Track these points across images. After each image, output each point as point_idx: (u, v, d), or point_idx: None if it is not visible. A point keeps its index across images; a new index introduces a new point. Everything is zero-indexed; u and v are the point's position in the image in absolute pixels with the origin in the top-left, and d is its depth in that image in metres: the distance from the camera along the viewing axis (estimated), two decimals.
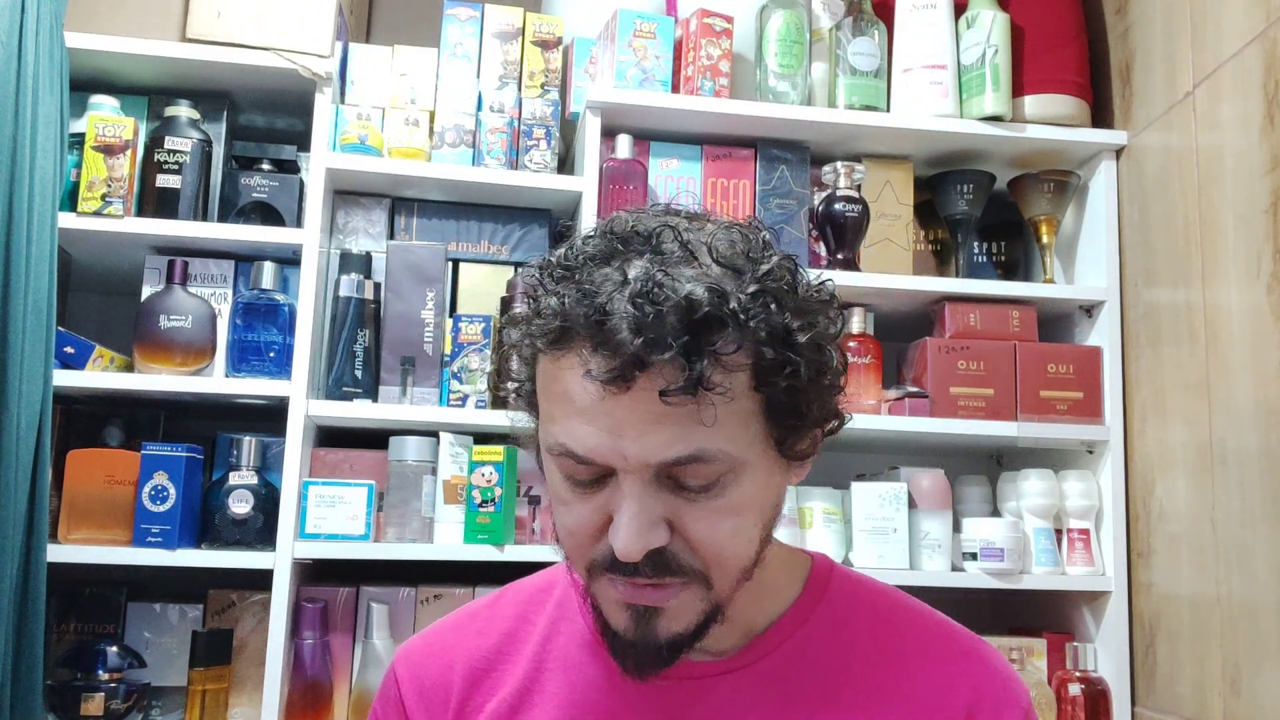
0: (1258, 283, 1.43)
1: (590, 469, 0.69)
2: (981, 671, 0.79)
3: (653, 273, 0.66)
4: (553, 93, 1.84)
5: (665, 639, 0.71)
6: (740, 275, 0.68)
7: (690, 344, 0.64)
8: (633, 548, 0.67)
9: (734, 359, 0.66)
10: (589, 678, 0.80)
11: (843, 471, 1.83)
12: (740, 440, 0.68)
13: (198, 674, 1.56)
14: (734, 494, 0.69)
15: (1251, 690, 1.41)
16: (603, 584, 0.72)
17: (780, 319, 0.68)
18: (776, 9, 1.82)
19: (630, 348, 0.64)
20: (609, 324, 0.65)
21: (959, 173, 1.89)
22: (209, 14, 1.67)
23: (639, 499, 0.67)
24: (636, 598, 0.70)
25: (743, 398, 0.67)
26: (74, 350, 1.61)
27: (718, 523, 0.69)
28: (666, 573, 0.69)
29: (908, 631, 0.81)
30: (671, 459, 0.66)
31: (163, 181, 1.66)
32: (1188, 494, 1.58)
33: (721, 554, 0.70)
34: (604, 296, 0.66)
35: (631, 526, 0.67)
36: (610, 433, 0.66)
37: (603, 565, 0.71)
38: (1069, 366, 1.78)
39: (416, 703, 0.83)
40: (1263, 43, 1.44)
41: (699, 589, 0.71)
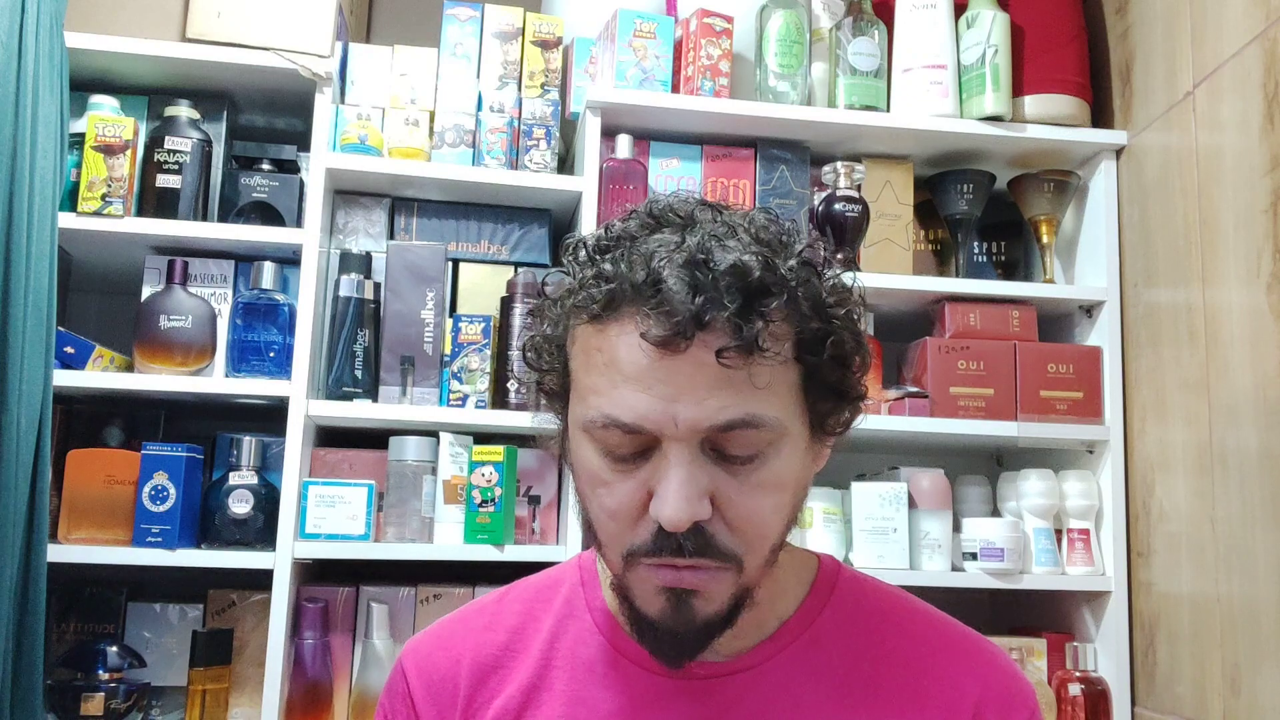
0: (1258, 282, 1.43)
1: (635, 440, 0.69)
2: (989, 672, 0.79)
3: (704, 241, 0.68)
4: (553, 93, 1.84)
5: (701, 621, 0.71)
6: (779, 251, 0.71)
7: (744, 307, 0.66)
8: (681, 515, 0.66)
9: (780, 327, 0.68)
10: (597, 676, 0.79)
11: (843, 471, 1.83)
12: (787, 409, 0.70)
13: (198, 674, 1.56)
14: (776, 466, 0.70)
15: (1251, 690, 1.41)
16: (639, 572, 0.71)
17: (821, 291, 0.71)
18: (776, 9, 1.82)
19: (688, 308, 0.65)
20: (665, 285, 0.66)
21: (959, 173, 1.89)
22: (209, 14, 1.67)
23: (687, 467, 0.67)
24: (677, 581, 0.70)
25: (788, 366, 0.70)
26: (74, 350, 1.61)
27: (761, 499, 0.70)
28: (707, 553, 0.69)
29: (915, 632, 0.81)
30: (724, 422, 0.67)
31: (163, 181, 1.66)
32: (1188, 494, 1.58)
33: (761, 532, 0.71)
34: (659, 260, 0.67)
35: (680, 494, 0.67)
36: (663, 398, 0.67)
37: (642, 550, 0.70)
38: (1069, 366, 1.78)
39: (425, 697, 0.83)
40: (1263, 43, 1.44)
41: (733, 572, 0.71)
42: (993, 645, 0.83)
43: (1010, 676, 0.80)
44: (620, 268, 0.69)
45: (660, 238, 0.70)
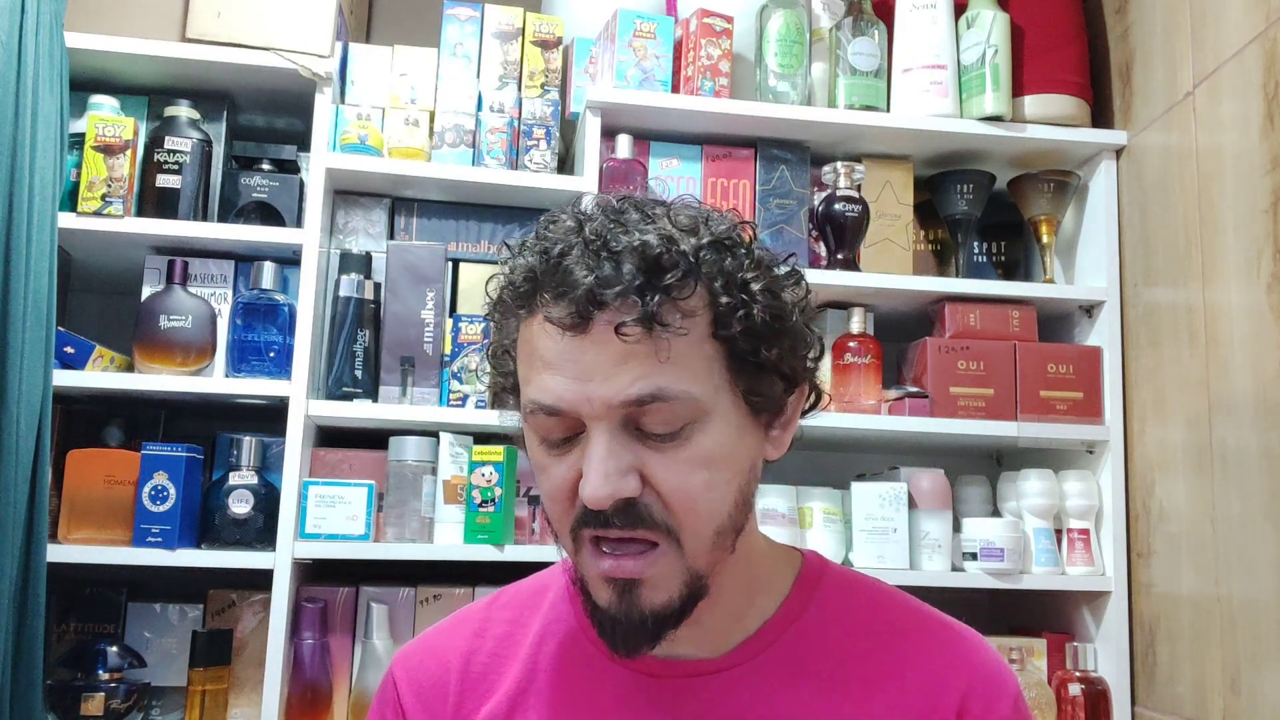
0: (1257, 282, 1.43)
1: (561, 424, 0.71)
2: (972, 661, 0.80)
3: (607, 224, 0.71)
4: (553, 93, 1.84)
5: (649, 610, 0.71)
6: (693, 233, 0.72)
7: (643, 285, 0.68)
8: (600, 492, 0.68)
9: (690, 304, 0.69)
10: (583, 679, 0.80)
11: (843, 471, 1.83)
12: (704, 384, 0.70)
13: (198, 674, 1.56)
14: (702, 443, 0.71)
15: (1251, 690, 1.41)
16: (585, 556, 0.73)
17: (733, 267, 0.72)
18: (776, 9, 1.82)
19: (585, 286, 0.68)
20: (564, 266, 0.69)
21: (959, 173, 1.89)
22: (209, 14, 1.67)
23: (605, 445, 0.69)
24: (616, 570, 0.71)
25: (704, 343, 0.71)
26: (74, 350, 1.61)
27: (688, 474, 0.70)
28: (639, 524, 0.70)
29: (898, 625, 0.82)
30: (633, 397, 0.68)
31: (163, 181, 1.66)
32: (1188, 494, 1.58)
33: (694, 507, 0.71)
34: (563, 246, 0.70)
35: (599, 471, 0.68)
36: (576, 379, 0.69)
37: (580, 523, 0.72)
38: (1069, 366, 1.78)
39: (415, 704, 0.83)
40: (1263, 43, 1.44)
41: (674, 553, 0.71)
42: (975, 635, 0.83)
43: (993, 666, 0.81)
44: (530, 259, 0.72)
45: (566, 225, 0.73)
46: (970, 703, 0.78)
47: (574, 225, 0.72)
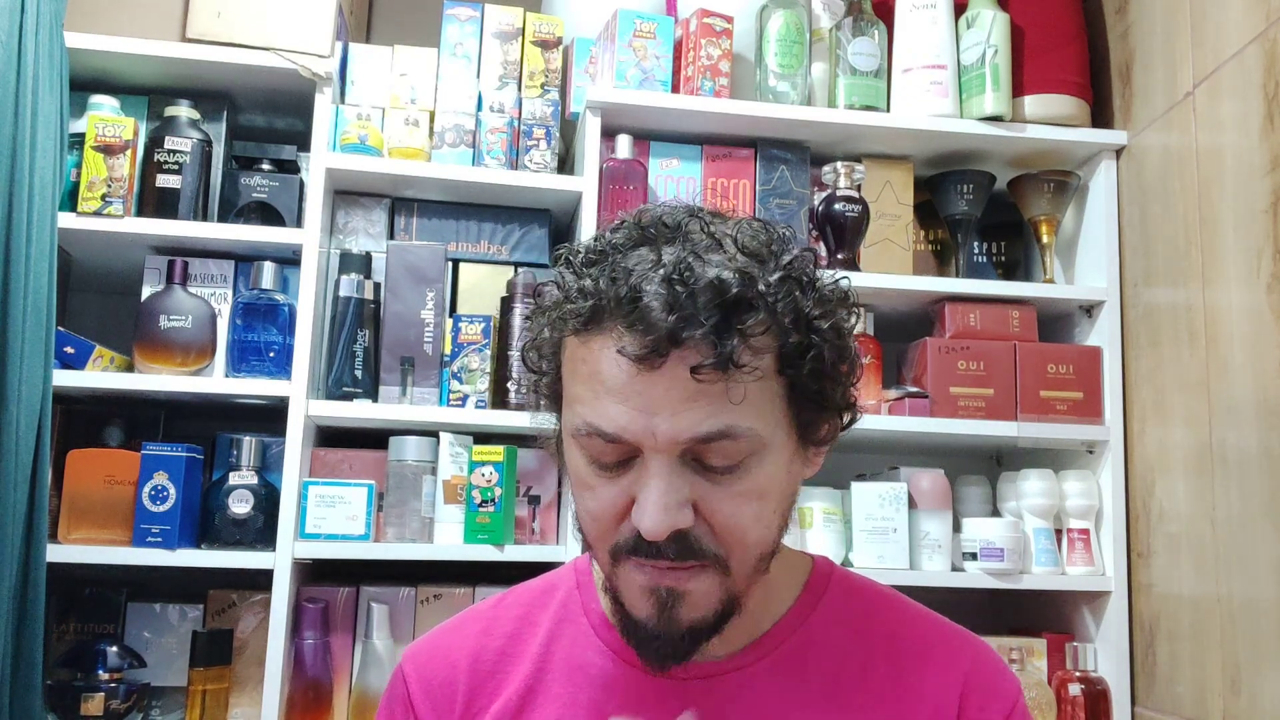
0: (1257, 283, 1.43)
1: (617, 449, 0.70)
2: (972, 666, 0.80)
3: (684, 256, 0.69)
4: (553, 93, 1.84)
5: (687, 626, 0.72)
6: (764, 263, 0.71)
7: (720, 323, 0.67)
8: (660, 526, 0.68)
9: (761, 340, 0.69)
10: (592, 677, 0.80)
11: (843, 471, 1.83)
12: (767, 420, 0.70)
13: (198, 674, 1.56)
14: (757, 476, 0.71)
15: (1251, 690, 1.41)
16: (626, 570, 0.72)
17: (804, 305, 0.71)
18: (776, 9, 1.82)
19: (664, 325, 0.66)
20: (643, 302, 0.67)
21: (959, 173, 1.89)
22: (209, 14, 1.67)
23: (665, 478, 0.69)
24: (660, 580, 0.71)
25: (769, 379, 0.70)
26: (74, 350, 1.61)
27: (742, 506, 0.71)
28: (690, 556, 0.70)
29: (903, 630, 0.82)
30: (701, 435, 0.68)
31: (163, 181, 1.66)
32: (1188, 494, 1.58)
33: (745, 539, 0.71)
34: (637, 277, 0.68)
35: (659, 504, 0.68)
36: (641, 411, 0.68)
37: (626, 549, 0.71)
38: (1069, 366, 1.78)
39: (424, 702, 0.84)
40: (1263, 43, 1.44)
41: (718, 574, 0.71)
42: (979, 641, 0.84)
43: (993, 671, 0.81)
44: (601, 283, 0.70)
45: (641, 253, 0.71)
46: (969, 705, 0.78)
47: (648, 253, 0.70)
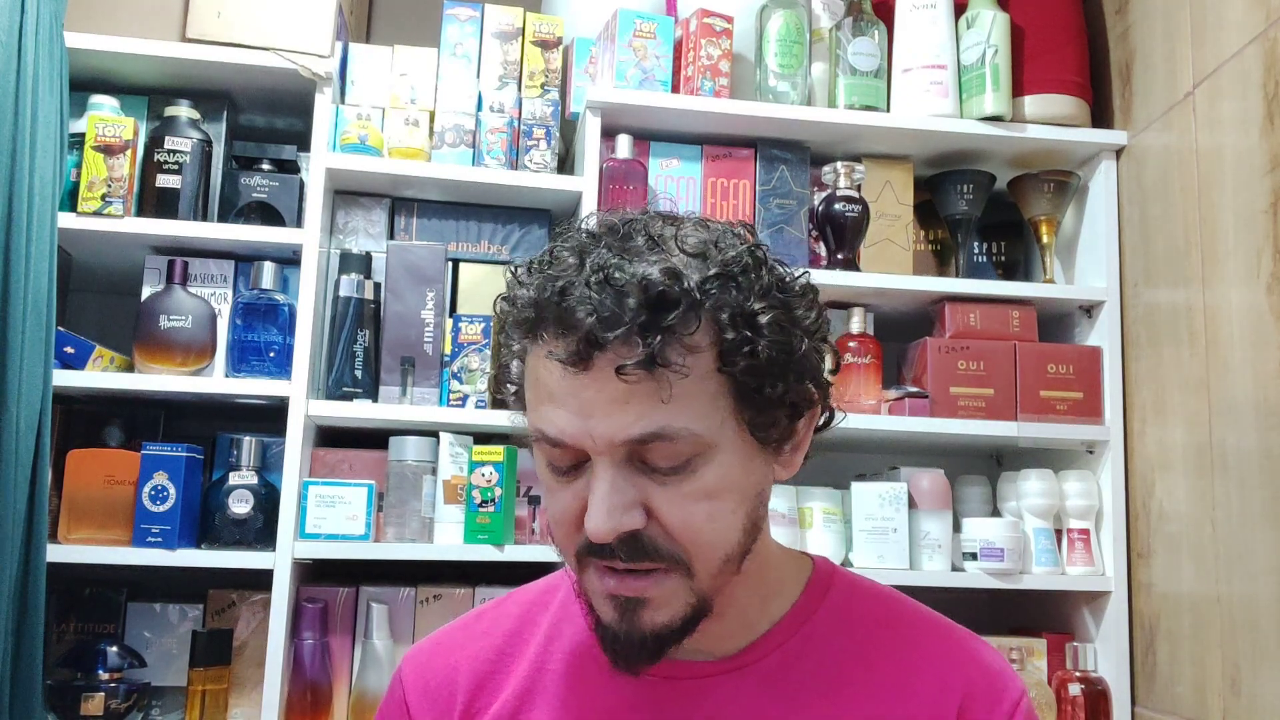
0: (1258, 283, 1.43)
1: (566, 454, 0.71)
2: (974, 668, 0.80)
3: (609, 258, 0.69)
4: (553, 93, 1.84)
5: (650, 630, 0.71)
6: (703, 261, 0.70)
7: (646, 323, 0.66)
8: (603, 527, 0.68)
9: (694, 339, 0.68)
10: (590, 679, 0.80)
11: (843, 471, 1.83)
12: (709, 421, 0.69)
13: (198, 674, 1.56)
14: (707, 476, 0.70)
15: (1251, 690, 1.41)
16: (589, 574, 0.73)
17: (740, 299, 0.70)
18: (776, 9, 1.82)
19: (585, 327, 0.66)
20: (565, 305, 0.68)
21: (959, 173, 1.89)
22: (209, 14, 1.67)
23: (609, 480, 0.69)
24: (620, 588, 0.71)
25: (708, 379, 0.69)
26: (74, 350, 1.61)
27: (691, 507, 0.70)
28: (644, 557, 0.70)
29: (905, 632, 0.82)
30: (636, 436, 0.68)
31: (163, 181, 1.66)
32: (1188, 494, 1.58)
33: (698, 539, 0.71)
34: (564, 281, 0.69)
35: (601, 507, 0.68)
36: (578, 414, 0.68)
37: (584, 552, 0.72)
38: (1069, 366, 1.78)
39: (422, 704, 0.84)
40: (1263, 43, 1.44)
41: (681, 578, 0.71)
42: (982, 642, 0.83)
43: (995, 673, 0.80)
44: (533, 291, 0.71)
45: (570, 261, 0.70)
46: (971, 705, 0.78)
47: (575, 260, 0.70)
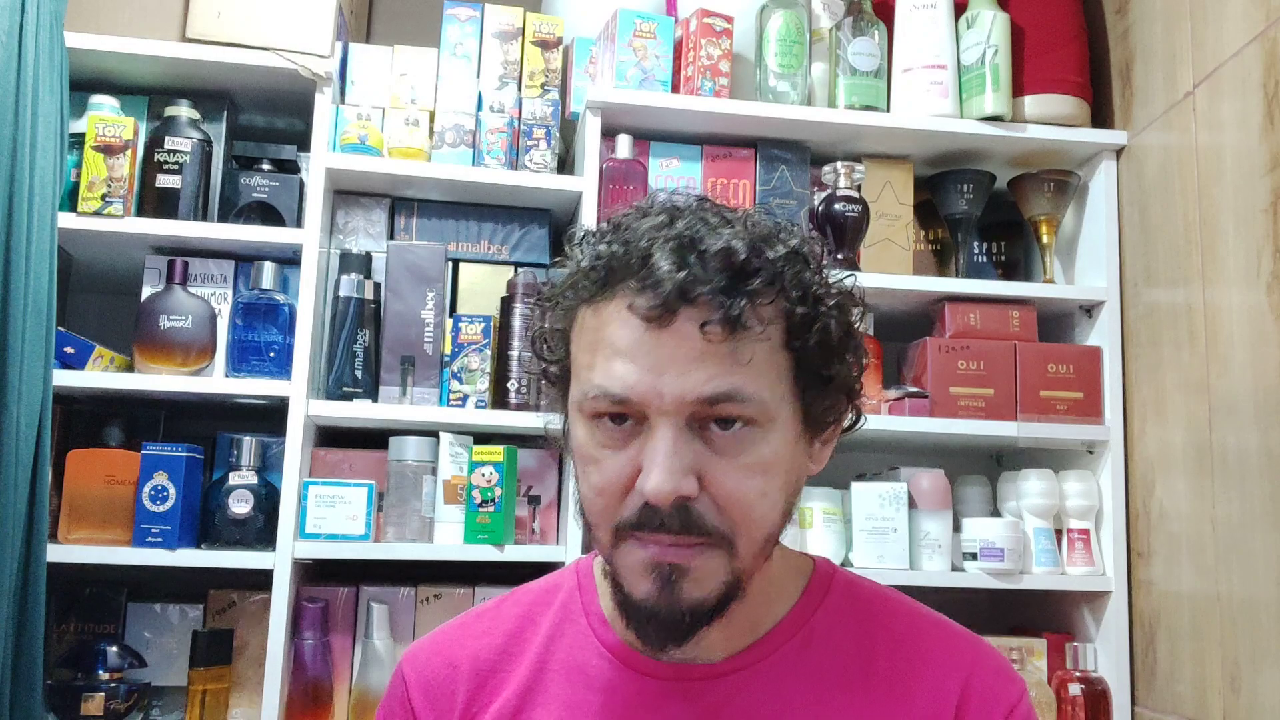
0: (1258, 283, 1.43)
1: (623, 418, 0.71)
2: (974, 667, 0.80)
3: (695, 224, 0.72)
4: (553, 93, 1.84)
5: (687, 605, 0.71)
6: (772, 243, 0.73)
7: (729, 286, 0.69)
8: (664, 488, 0.68)
9: (768, 310, 0.71)
10: (590, 678, 0.80)
11: (843, 471, 1.83)
12: (773, 393, 0.71)
13: (198, 674, 1.56)
14: (762, 450, 0.71)
15: (1251, 690, 1.41)
16: (628, 548, 0.72)
17: (809, 280, 0.73)
18: (776, 9, 1.82)
19: (674, 282, 0.68)
20: (654, 261, 0.69)
21: (959, 173, 1.89)
22: (209, 14, 1.67)
23: (671, 441, 0.69)
24: (664, 555, 0.70)
25: (776, 352, 0.72)
26: (74, 350, 1.61)
27: (745, 480, 0.71)
28: (692, 529, 0.70)
29: (906, 633, 0.82)
30: (708, 395, 0.69)
31: (163, 181, 1.66)
32: (1188, 494, 1.58)
33: (748, 514, 0.71)
34: (648, 240, 0.71)
35: (664, 466, 0.68)
36: (650, 370, 0.69)
37: (630, 524, 0.71)
38: (1069, 366, 1.78)
39: (423, 702, 0.84)
40: (1263, 43, 1.44)
41: (722, 554, 0.71)
42: (983, 643, 0.83)
43: (994, 672, 0.80)
44: (614, 247, 0.72)
45: (652, 220, 0.73)
46: (968, 704, 0.78)
47: (664, 220, 0.73)
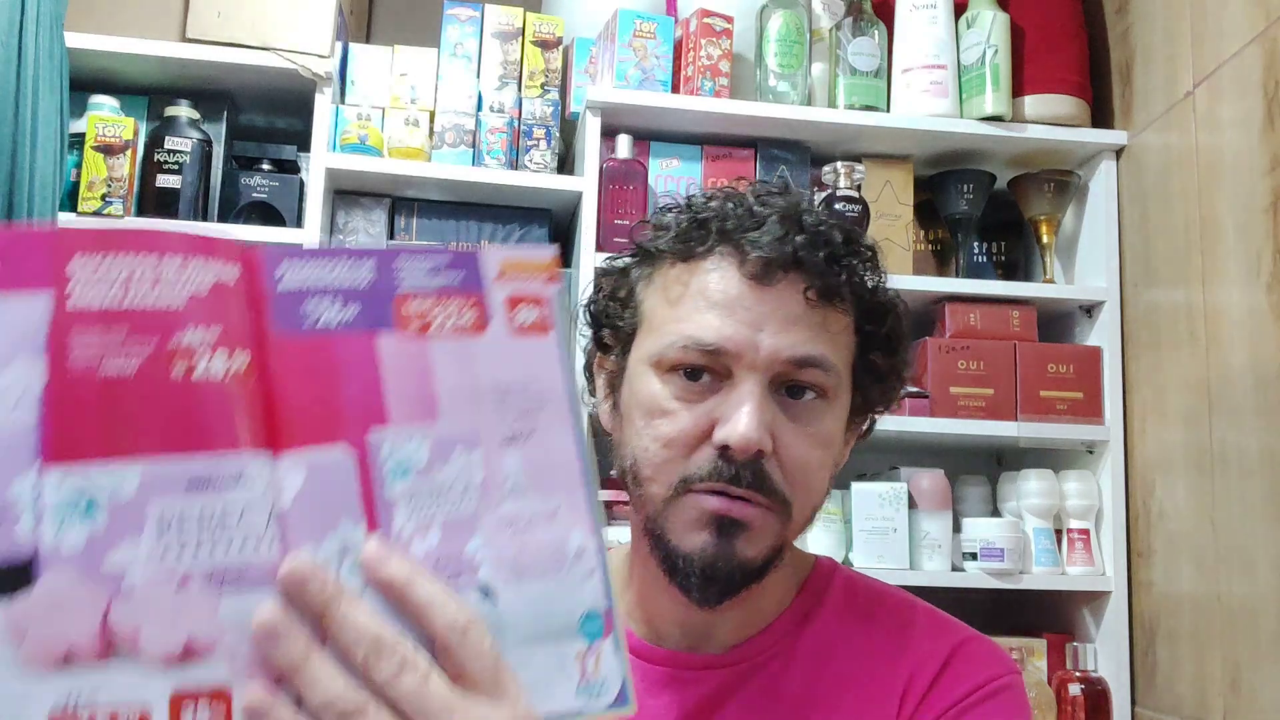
0: (1258, 283, 1.43)
1: (708, 365, 0.72)
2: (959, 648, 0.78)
3: (799, 201, 0.77)
4: (553, 93, 1.84)
5: (739, 560, 0.72)
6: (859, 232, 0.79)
7: (831, 257, 0.73)
8: (752, 435, 0.69)
9: (854, 289, 0.75)
10: None
11: (843, 471, 1.81)
12: (844, 368, 0.76)
13: None
14: (826, 423, 0.75)
15: (1251, 690, 1.41)
16: (690, 500, 0.72)
17: (883, 272, 0.79)
18: (776, 9, 1.82)
19: (789, 245, 0.72)
20: (769, 224, 0.73)
21: (959, 173, 1.89)
22: (209, 14, 1.67)
23: (759, 396, 0.71)
24: (728, 508, 0.71)
25: (849, 332, 0.76)
26: None
27: (809, 450, 0.73)
28: (762, 488, 0.71)
29: (899, 624, 0.81)
30: (800, 356, 0.72)
31: (163, 181, 1.66)
32: (1188, 494, 1.58)
33: (808, 483, 0.74)
34: (758, 205, 0.75)
35: (753, 417, 0.70)
36: (748, 325, 0.72)
37: (699, 476, 0.71)
38: (1069, 366, 1.78)
39: None
40: (1263, 43, 1.44)
41: (778, 519, 0.73)
42: (979, 635, 0.81)
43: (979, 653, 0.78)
44: (727, 207, 0.76)
45: (759, 189, 0.78)
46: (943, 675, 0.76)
47: (774, 190, 0.78)
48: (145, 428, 0.42)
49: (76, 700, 0.40)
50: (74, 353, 0.42)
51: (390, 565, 0.44)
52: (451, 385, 0.48)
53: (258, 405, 0.44)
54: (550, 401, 0.49)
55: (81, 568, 0.41)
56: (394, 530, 0.45)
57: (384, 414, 0.46)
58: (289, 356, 0.45)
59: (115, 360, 0.42)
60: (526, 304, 0.50)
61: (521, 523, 0.48)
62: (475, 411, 0.48)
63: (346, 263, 0.48)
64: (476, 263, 0.50)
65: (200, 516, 0.42)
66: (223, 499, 0.42)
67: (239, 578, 0.42)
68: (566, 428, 0.49)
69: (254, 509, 0.43)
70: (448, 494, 0.47)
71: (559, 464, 0.49)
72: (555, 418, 0.49)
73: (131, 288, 0.43)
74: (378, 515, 0.45)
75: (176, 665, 0.41)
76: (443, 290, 0.49)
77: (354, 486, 0.45)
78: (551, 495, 0.48)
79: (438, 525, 0.46)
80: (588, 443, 0.50)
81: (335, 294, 0.47)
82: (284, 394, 0.45)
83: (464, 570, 0.46)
